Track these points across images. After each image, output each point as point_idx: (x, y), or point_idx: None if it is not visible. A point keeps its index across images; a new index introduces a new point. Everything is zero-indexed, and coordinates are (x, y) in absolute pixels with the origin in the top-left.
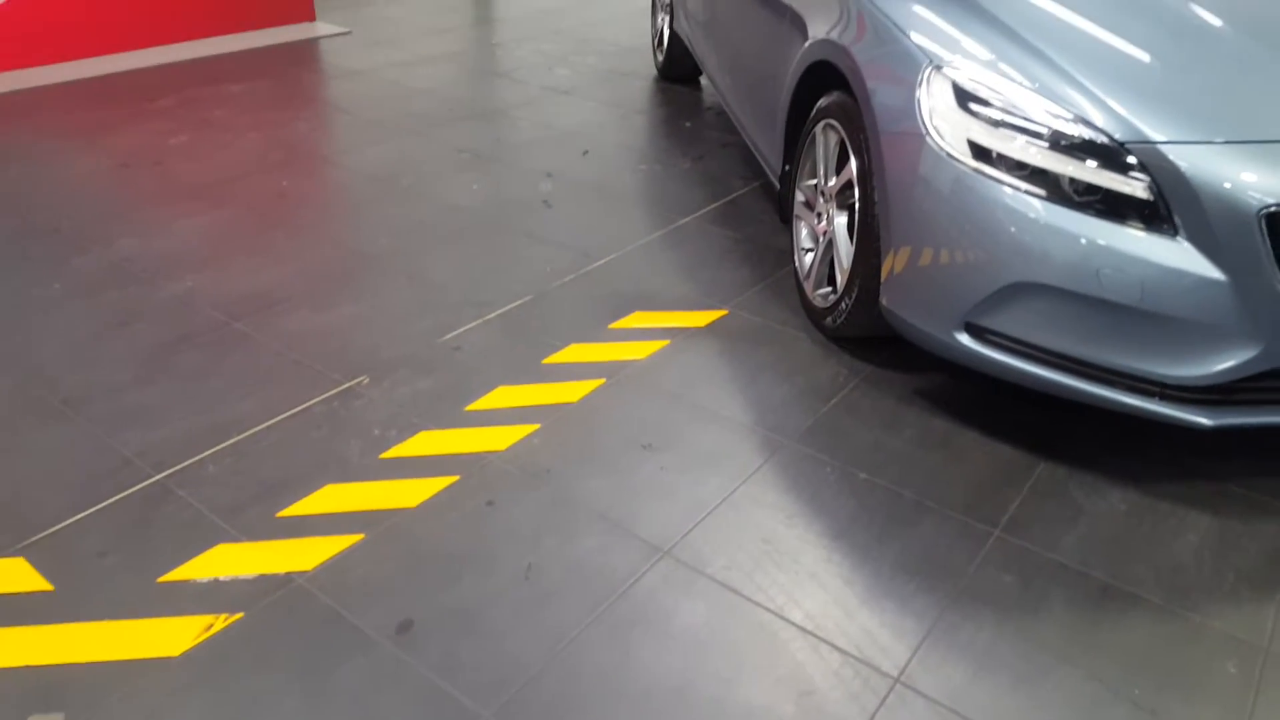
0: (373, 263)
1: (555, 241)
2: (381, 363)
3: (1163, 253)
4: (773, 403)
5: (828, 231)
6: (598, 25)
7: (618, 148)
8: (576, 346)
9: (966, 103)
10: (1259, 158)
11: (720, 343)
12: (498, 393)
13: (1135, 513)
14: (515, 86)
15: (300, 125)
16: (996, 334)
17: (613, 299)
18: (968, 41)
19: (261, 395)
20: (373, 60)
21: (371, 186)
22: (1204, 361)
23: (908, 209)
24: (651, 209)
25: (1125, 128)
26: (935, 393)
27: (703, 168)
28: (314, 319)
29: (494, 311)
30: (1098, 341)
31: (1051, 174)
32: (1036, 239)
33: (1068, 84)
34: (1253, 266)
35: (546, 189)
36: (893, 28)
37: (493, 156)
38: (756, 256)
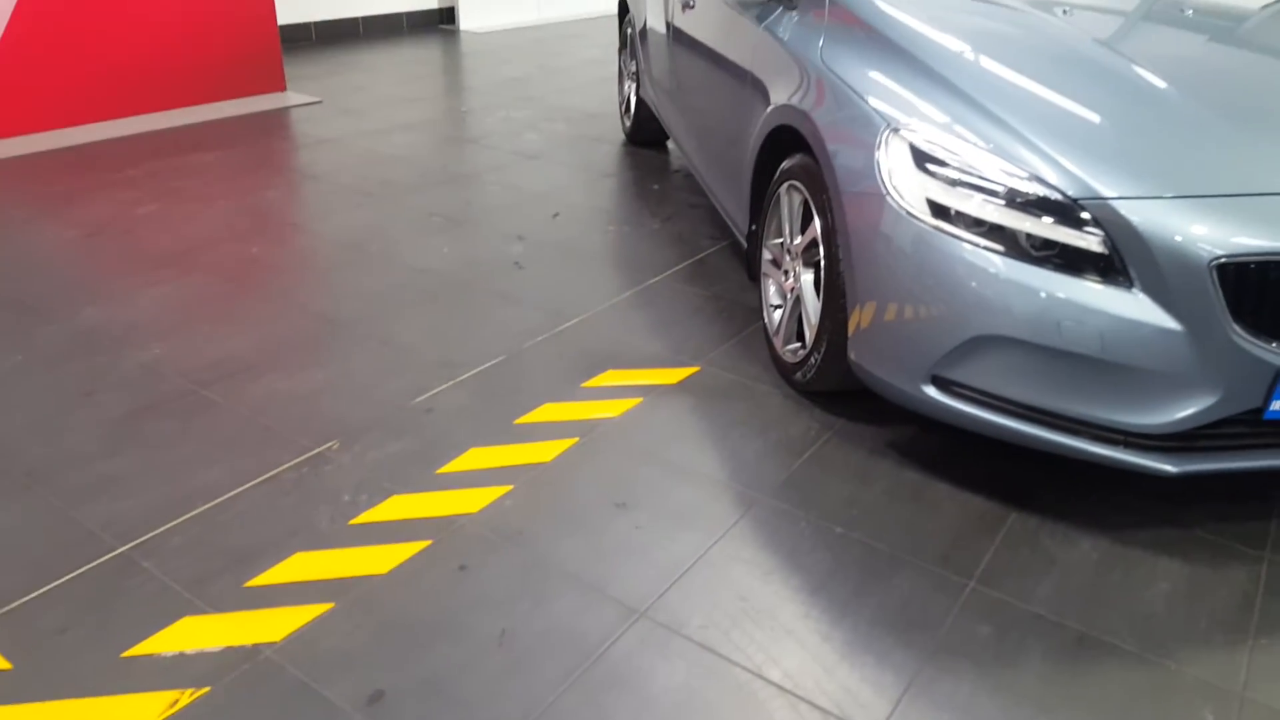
0: (343, 327)
1: (527, 302)
2: (352, 427)
3: (1120, 304)
4: (746, 458)
5: (795, 288)
6: (565, 93)
7: (588, 210)
8: (549, 406)
9: (924, 163)
10: (1207, 211)
11: (693, 399)
12: (470, 454)
13: (1107, 561)
14: (485, 152)
15: (271, 193)
16: (963, 386)
17: (585, 358)
18: (923, 105)
19: (229, 463)
20: (343, 128)
21: (342, 252)
22: (1165, 410)
23: (871, 266)
24: (622, 269)
25: (1078, 185)
26: (906, 445)
27: (671, 228)
28: (283, 385)
29: (466, 373)
30: (1062, 392)
31: (1009, 230)
32: (997, 293)
33: (1021, 144)
34: (1207, 316)
35: (518, 251)
36: (851, 93)
37: (464, 220)
38: (726, 314)
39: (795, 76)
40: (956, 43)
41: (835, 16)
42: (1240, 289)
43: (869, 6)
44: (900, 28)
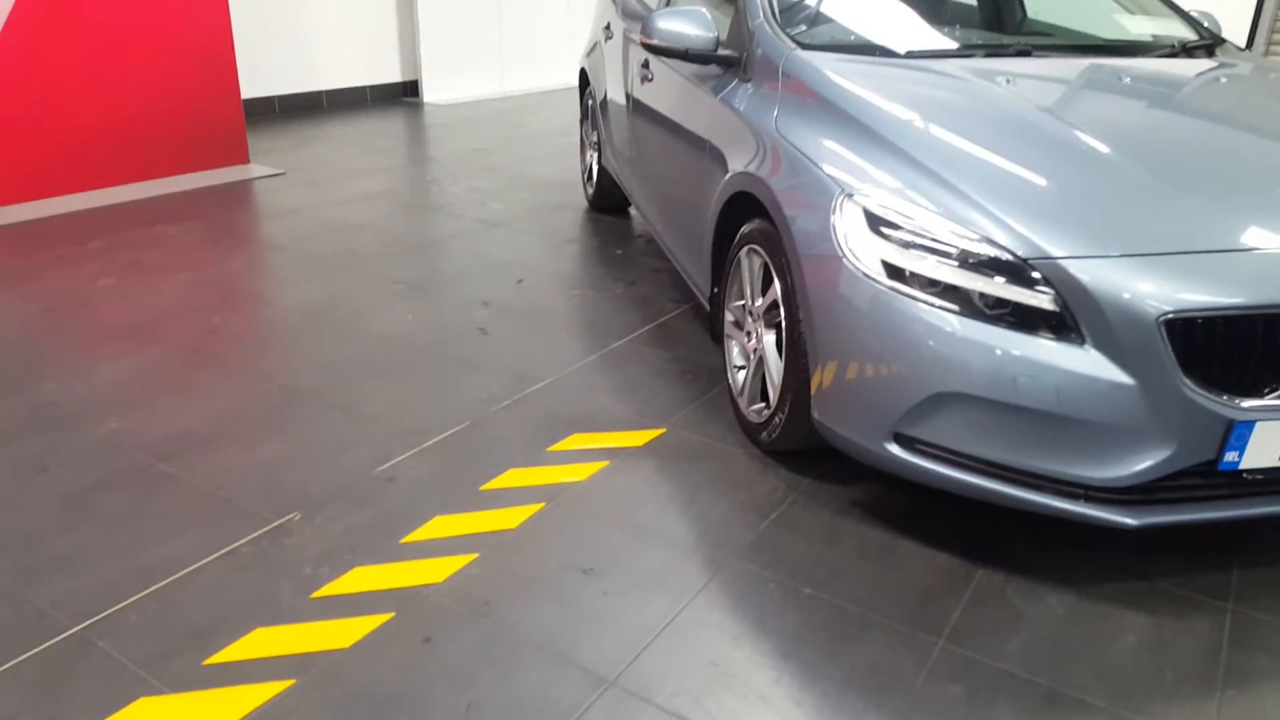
0: (305, 397)
1: (492, 368)
2: (313, 498)
3: (1073, 360)
4: (713, 520)
5: (758, 349)
6: (529, 162)
7: (552, 275)
8: (515, 471)
9: (878, 226)
10: (1153, 269)
11: (659, 461)
12: (434, 523)
13: (1073, 616)
14: (449, 220)
15: (233, 264)
16: (925, 443)
17: (551, 422)
18: (875, 171)
19: (188, 537)
20: (307, 199)
21: (305, 321)
22: (1123, 463)
23: (831, 326)
24: (586, 333)
25: (1027, 245)
26: (872, 503)
27: (635, 292)
28: (243, 457)
29: (430, 440)
30: (1021, 447)
31: (963, 290)
32: (955, 351)
33: (971, 207)
34: (1158, 370)
35: (482, 317)
36: (805, 160)
37: (428, 287)
38: (691, 375)
39: (752, 145)
40: (905, 111)
41: (788, 88)
42: (1188, 344)
43: (820, 78)
44: (850, 98)
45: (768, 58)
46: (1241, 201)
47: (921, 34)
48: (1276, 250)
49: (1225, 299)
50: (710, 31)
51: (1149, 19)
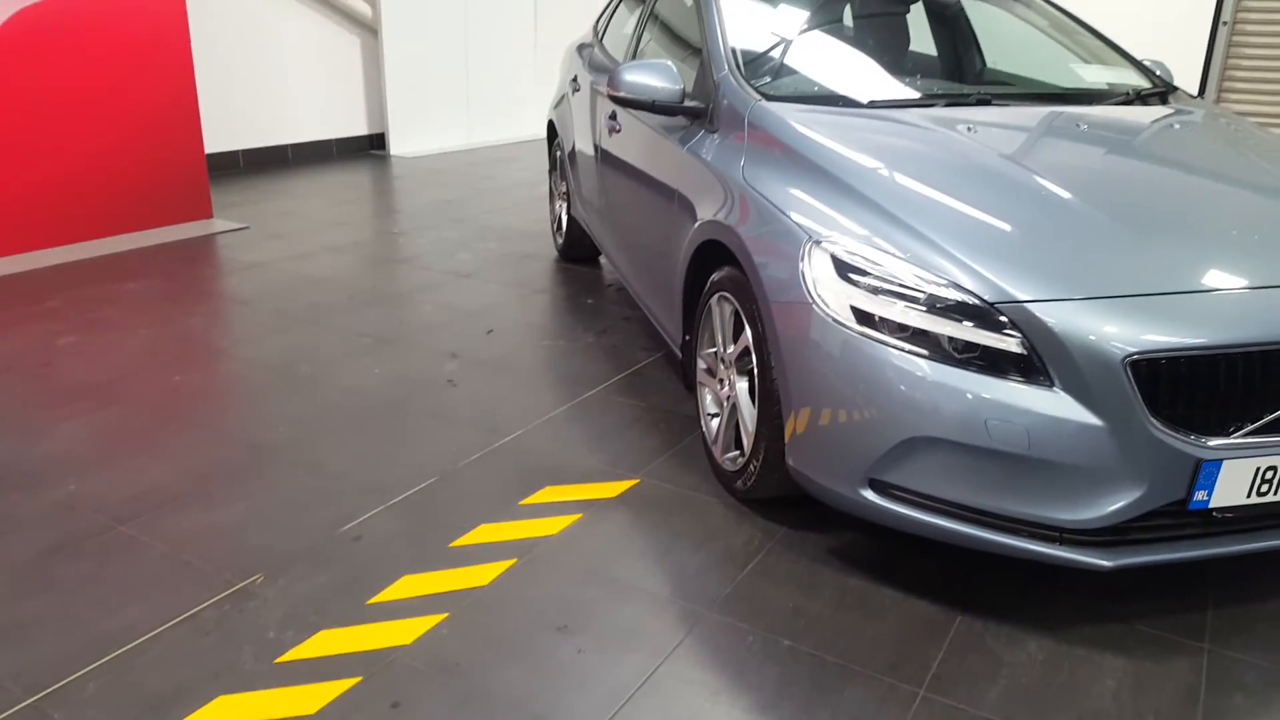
0: (268, 454)
1: (461, 420)
2: (277, 559)
3: (1042, 402)
4: (689, 571)
5: (731, 396)
6: (498, 213)
7: (522, 326)
8: (486, 527)
9: (846, 273)
10: (1117, 311)
11: (633, 513)
12: (403, 582)
13: (1052, 661)
14: (417, 272)
15: (195, 320)
16: (899, 488)
17: (522, 475)
18: (842, 219)
19: (148, 602)
20: (271, 253)
21: (269, 376)
22: (1095, 504)
23: (803, 373)
24: (557, 383)
25: (993, 289)
26: (849, 551)
27: (606, 341)
28: (205, 517)
29: (397, 496)
30: (995, 491)
31: (932, 334)
32: (926, 395)
33: (937, 253)
34: (1125, 411)
35: (451, 369)
36: (773, 208)
37: (395, 340)
38: (664, 424)
39: (720, 194)
40: (870, 160)
41: (754, 138)
42: (1154, 384)
43: (785, 128)
44: (816, 147)
45: (733, 109)
46: (1199, 244)
47: (883, 84)
48: (1236, 291)
49: (1188, 339)
50: (676, 84)
51: (1104, 68)
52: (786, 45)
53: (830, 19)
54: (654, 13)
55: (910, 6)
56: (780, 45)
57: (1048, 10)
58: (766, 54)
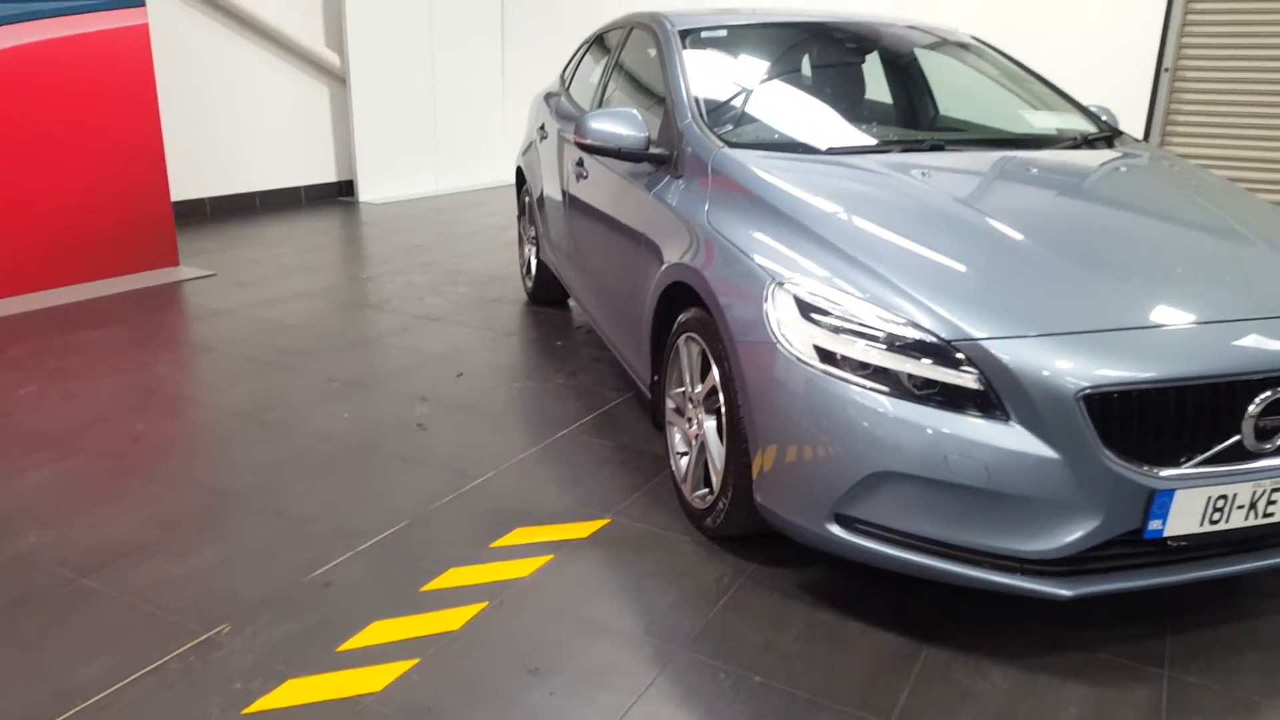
0: (235, 501)
1: (431, 463)
2: (244, 608)
3: (1000, 437)
4: (661, 610)
5: (699, 435)
6: (467, 257)
7: (491, 368)
8: (456, 570)
9: (809, 313)
10: (1069, 347)
11: (604, 552)
12: (372, 628)
13: (1017, 690)
14: (386, 316)
15: (161, 367)
16: (865, 523)
17: (493, 517)
18: (804, 261)
19: (110, 655)
20: (238, 300)
21: (235, 423)
22: (1054, 535)
23: (769, 411)
24: (528, 424)
25: (950, 328)
26: (818, 586)
27: (576, 382)
28: (170, 567)
29: (367, 541)
30: (958, 523)
31: (892, 372)
32: (887, 431)
33: (895, 293)
34: (1080, 444)
35: (421, 412)
36: (737, 251)
37: (365, 384)
38: (634, 463)
39: (686, 237)
40: (829, 204)
41: (718, 183)
42: (1107, 417)
43: (748, 174)
44: (778, 192)
45: (697, 156)
46: (1147, 281)
47: (841, 131)
48: (1182, 326)
49: (1138, 374)
50: (641, 131)
51: (1052, 114)
52: (747, 94)
53: (789, 69)
54: (619, 63)
55: (865, 56)
56: (741, 94)
57: (997, 59)
58: (728, 103)
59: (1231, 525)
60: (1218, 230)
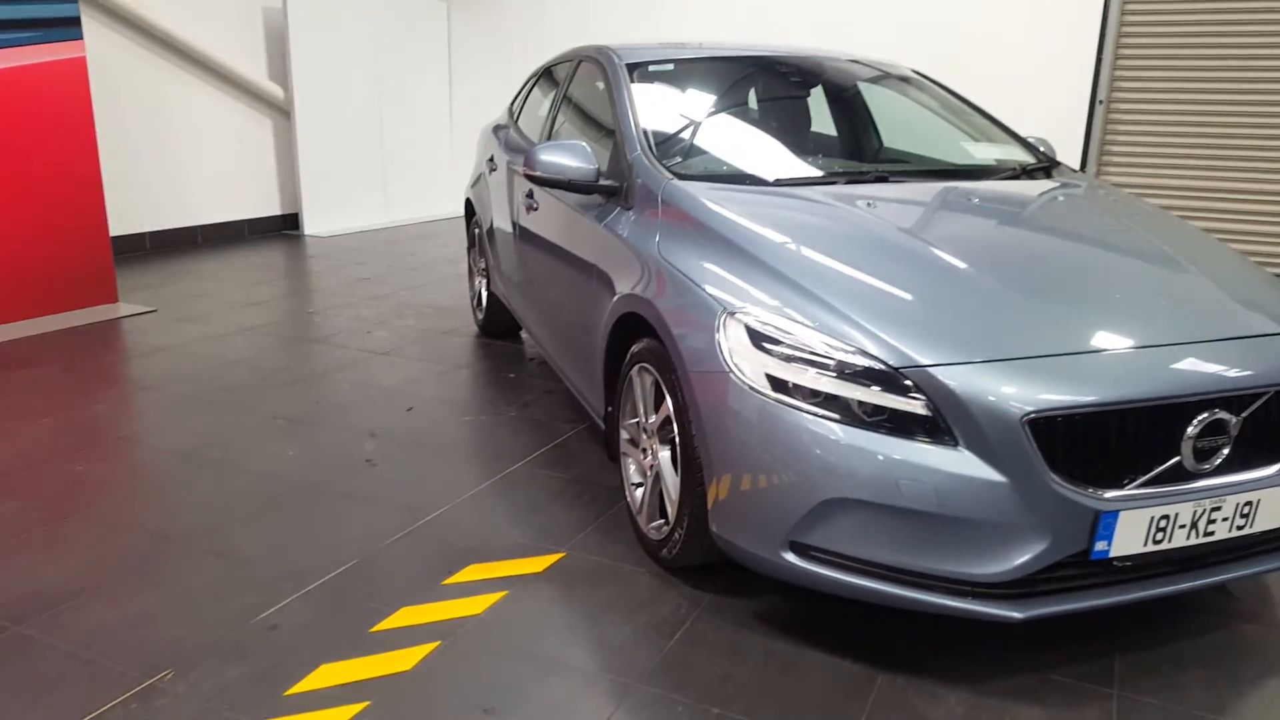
0: (178, 543)
1: (380, 501)
2: (188, 653)
3: (949, 462)
4: (617, 644)
5: (654, 466)
6: (416, 290)
7: (442, 402)
8: (407, 609)
9: (760, 342)
10: (1014, 372)
11: (559, 587)
12: (321, 671)
13: (972, 714)
14: (333, 351)
15: (100, 406)
16: (819, 550)
17: (445, 554)
18: (755, 290)
19: (47, 706)
20: (180, 336)
21: (178, 463)
22: (1003, 558)
23: (723, 440)
24: (480, 459)
25: (898, 355)
26: (774, 614)
27: (529, 414)
28: (110, 613)
29: (314, 582)
30: (910, 548)
31: (842, 399)
32: (840, 458)
33: (844, 321)
34: (1026, 467)
35: (370, 449)
36: (689, 281)
37: (311, 421)
38: (589, 495)
39: (637, 268)
40: (778, 235)
41: (668, 215)
42: (1052, 441)
43: (698, 205)
44: (727, 223)
45: (647, 187)
46: (1087, 307)
47: (788, 163)
48: (1122, 350)
49: (1081, 397)
50: (591, 164)
51: (992, 145)
52: (695, 127)
53: (736, 102)
54: (567, 95)
55: (810, 90)
56: (689, 127)
57: (938, 92)
58: (676, 135)
59: (1174, 545)
60: (1153, 257)
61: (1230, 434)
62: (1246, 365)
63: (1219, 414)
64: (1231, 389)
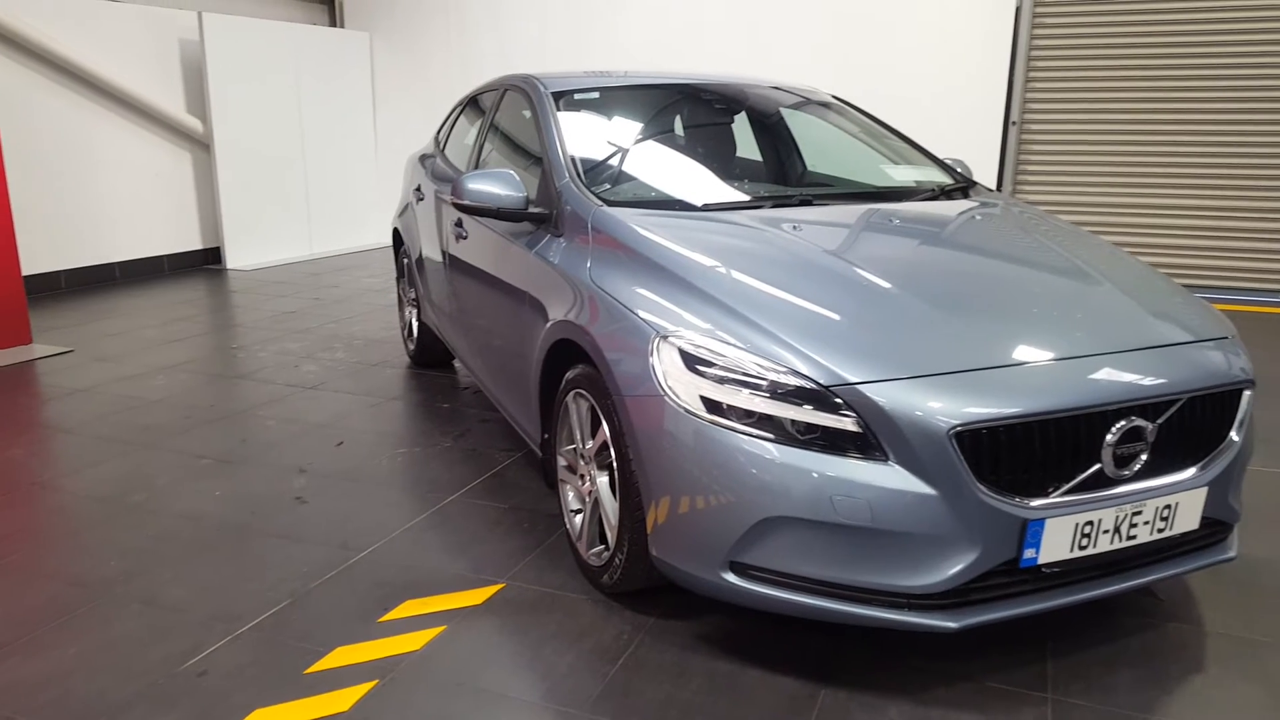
0: (99, 592)
1: (312, 539)
2: (111, 705)
3: (880, 476)
4: (560, 672)
5: (593, 491)
6: (344, 322)
7: (374, 435)
8: (343, 649)
9: (694, 365)
10: (939, 388)
11: (500, 618)
12: (254, 717)
13: None
14: (259, 387)
15: (13, 452)
16: (759, 569)
17: (380, 591)
18: (686, 314)
19: None
20: (98, 377)
21: (97, 508)
22: (937, 569)
23: (660, 463)
24: (414, 491)
25: (827, 374)
26: (717, 635)
27: (464, 444)
28: (27, 667)
29: (245, 625)
30: (847, 563)
31: (776, 419)
32: (775, 477)
33: (775, 342)
34: (954, 479)
35: (299, 485)
36: (621, 307)
37: (238, 459)
38: (528, 524)
39: (570, 295)
40: (708, 259)
41: (599, 241)
42: (978, 453)
43: (628, 231)
44: (658, 248)
45: (577, 214)
46: (1007, 322)
47: (714, 188)
48: (1043, 363)
49: (1004, 410)
50: (520, 191)
51: (911, 167)
52: (623, 154)
53: (662, 129)
54: (494, 124)
55: (734, 116)
56: (617, 154)
57: (858, 117)
58: (604, 162)
59: (1099, 549)
60: (1068, 272)
61: (1147, 440)
62: (1160, 373)
63: (1136, 421)
64: (1147, 397)
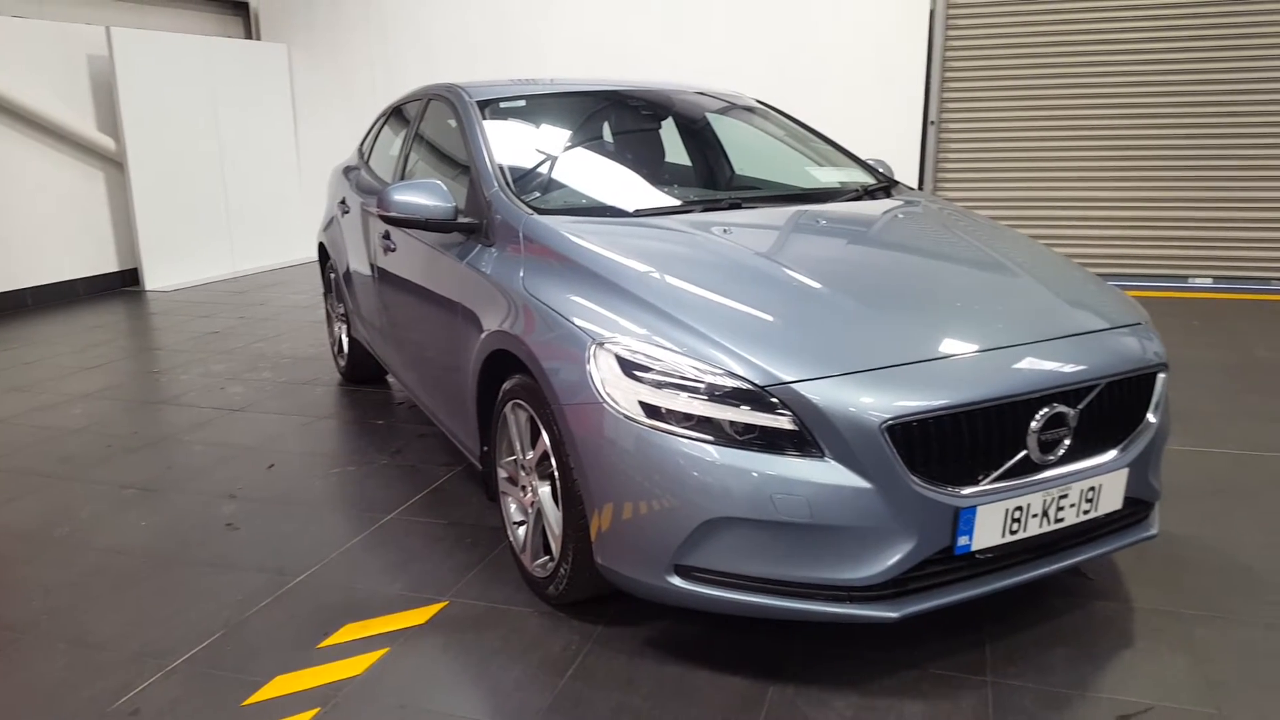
0: (22, 632)
1: (245, 565)
2: None
3: (818, 473)
4: (507, 688)
5: (535, 502)
6: (271, 340)
7: (306, 455)
8: (282, 678)
9: (631, 370)
10: (870, 383)
11: (444, 637)
12: None
13: (859, 715)
14: (184, 411)
15: None
16: (703, 571)
17: (319, 615)
18: (622, 320)
19: None
20: (13, 408)
21: (17, 545)
22: (875, 561)
23: (601, 470)
24: (351, 511)
25: (762, 374)
26: (665, 640)
27: (402, 461)
28: None
29: (178, 659)
30: (788, 560)
31: (715, 420)
32: (716, 478)
33: (710, 345)
34: (888, 472)
35: (229, 511)
36: (556, 315)
37: (164, 487)
38: (470, 539)
39: (504, 305)
40: (640, 264)
41: (531, 250)
42: (909, 445)
43: (560, 239)
44: (590, 255)
45: (507, 223)
46: (932, 317)
47: (644, 194)
48: (968, 355)
49: (933, 402)
50: (448, 201)
51: (835, 168)
52: (552, 161)
53: (590, 136)
54: (419, 134)
55: (661, 122)
56: (546, 161)
57: (781, 120)
58: (533, 170)
59: (1029, 533)
60: (989, 266)
61: (1070, 425)
62: (1079, 360)
63: (1058, 408)
64: (1068, 384)
